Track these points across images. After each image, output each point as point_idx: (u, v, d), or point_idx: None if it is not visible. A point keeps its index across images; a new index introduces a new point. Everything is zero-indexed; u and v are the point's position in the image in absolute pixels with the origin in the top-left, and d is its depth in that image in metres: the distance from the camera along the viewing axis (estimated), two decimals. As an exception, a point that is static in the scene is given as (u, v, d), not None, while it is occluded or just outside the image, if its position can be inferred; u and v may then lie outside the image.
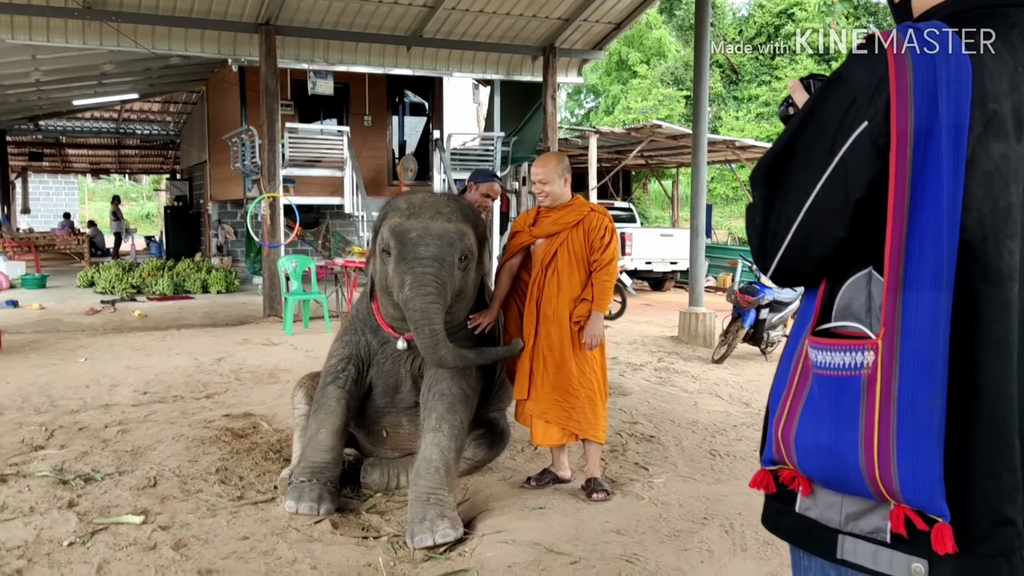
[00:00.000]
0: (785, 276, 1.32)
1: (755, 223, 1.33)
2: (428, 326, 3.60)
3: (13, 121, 20.00)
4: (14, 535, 3.50)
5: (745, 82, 28.46)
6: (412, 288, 3.60)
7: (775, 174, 1.30)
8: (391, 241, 3.72)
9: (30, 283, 13.98)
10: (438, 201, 3.90)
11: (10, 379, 6.78)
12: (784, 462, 1.32)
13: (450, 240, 3.71)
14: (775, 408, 1.36)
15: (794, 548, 1.39)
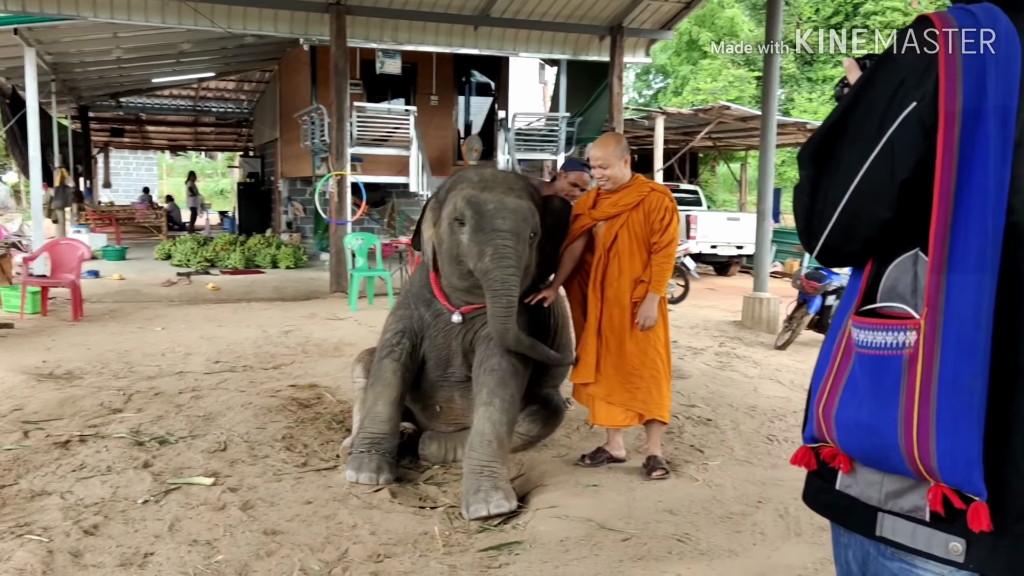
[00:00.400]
0: (830, 256, 1.34)
1: (802, 202, 1.35)
2: (507, 296, 3.67)
3: (96, 97, 20.70)
4: (92, 492, 3.70)
5: (820, 63, 27.73)
6: (493, 259, 3.66)
7: (823, 153, 1.31)
8: (467, 211, 3.74)
9: (111, 254, 14.53)
10: (508, 177, 3.96)
11: (91, 345, 7.11)
12: (825, 439, 1.35)
13: (524, 216, 3.77)
14: (817, 386, 1.38)
15: (834, 525, 1.41)
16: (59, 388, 5.51)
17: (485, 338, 4.02)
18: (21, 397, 5.21)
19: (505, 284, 3.66)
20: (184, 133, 29.26)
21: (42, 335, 7.56)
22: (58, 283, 8.74)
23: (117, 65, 15.82)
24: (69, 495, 3.65)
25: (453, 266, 3.90)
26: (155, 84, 19.68)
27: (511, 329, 3.74)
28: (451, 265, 3.91)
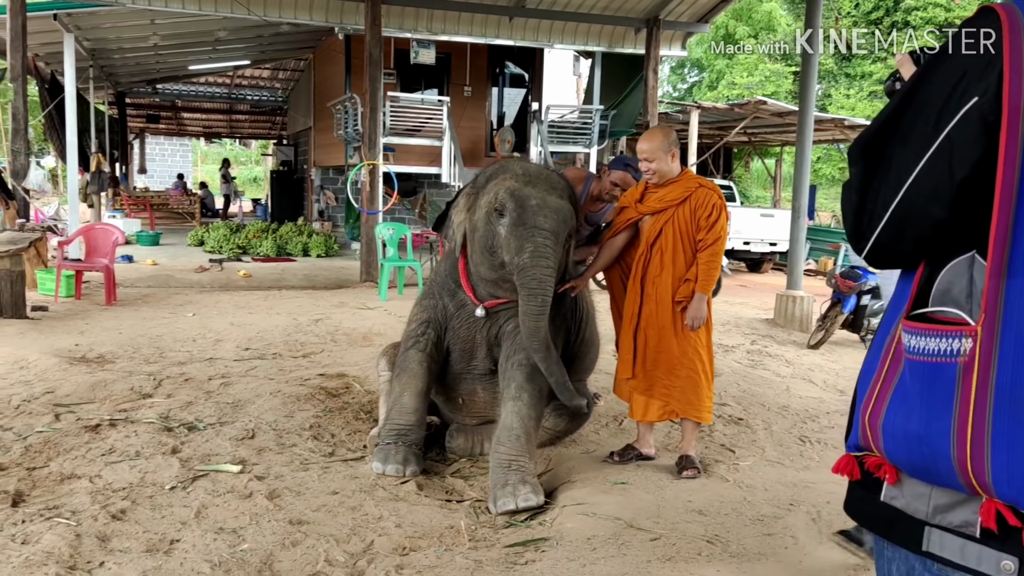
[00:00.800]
0: (880, 257, 1.27)
1: (851, 200, 1.28)
2: (542, 295, 3.61)
3: (132, 83, 20.92)
4: (120, 476, 3.71)
5: (859, 58, 27.29)
6: (532, 256, 3.59)
7: (875, 150, 1.25)
8: (509, 203, 3.67)
9: (144, 240, 14.69)
10: (551, 176, 3.89)
11: (123, 330, 7.18)
12: (870, 448, 1.29)
13: (564, 217, 3.71)
14: (863, 393, 1.32)
15: (878, 538, 1.35)
16: (91, 372, 5.55)
17: (511, 333, 3.98)
18: (53, 380, 5.26)
19: (542, 283, 3.60)
20: (219, 120, 29.50)
21: (76, 318, 7.65)
22: (92, 267, 8.84)
23: (154, 52, 15.96)
24: (98, 479, 3.67)
25: (484, 256, 3.81)
26: (191, 71, 19.84)
27: (542, 329, 3.67)
28: (483, 255, 3.82)
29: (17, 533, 3.08)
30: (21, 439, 4.14)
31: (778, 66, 27.48)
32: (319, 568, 2.96)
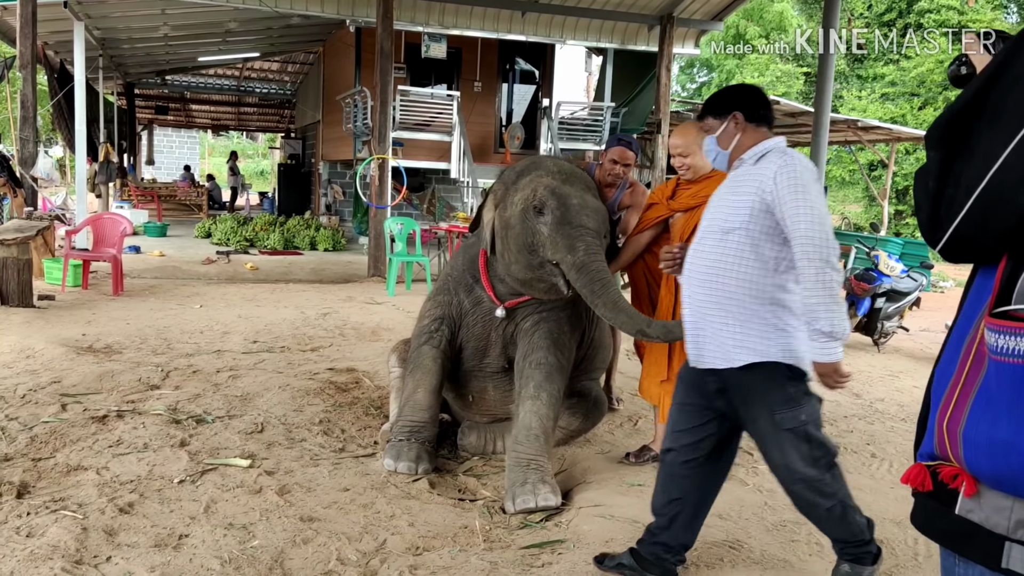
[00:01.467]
0: (959, 249, 1.18)
1: (927, 188, 1.19)
2: (611, 285, 3.51)
3: (141, 74, 20.86)
4: (128, 469, 3.64)
5: (871, 60, 27.13)
6: (587, 254, 3.47)
7: (956, 134, 1.16)
8: (551, 201, 3.54)
9: (152, 231, 14.63)
10: (584, 176, 3.80)
11: (131, 320, 7.11)
12: (947, 457, 1.20)
13: (603, 217, 3.65)
14: (939, 398, 1.23)
15: (947, 552, 1.27)
16: (98, 362, 5.49)
17: (528, 331, 3.90)
18: (60, 370, 5.20)
19: (604, 276, 3.50)
20: (227, 113, 29.44)
21: (83, 308, 7.58)
22: (100, 257, 8.77)
23: (164, 42, 15.90)
24: (105, 471, 3.60)
25: (522, 254, 3.64)
26: (200, 63, 19.78)
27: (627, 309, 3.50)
28: (519, 253, 3.65)
29: (22, 526, 3.01)
30: (27, 429, 4.08)
31: (789, 67, 27.35)
32: (331, 567, 2.88)
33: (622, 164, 4.36)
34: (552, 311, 3.89)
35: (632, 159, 4.39)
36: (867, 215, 24.75)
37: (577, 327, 4.03)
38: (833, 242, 2.44)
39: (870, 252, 8.42)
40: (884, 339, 8.28)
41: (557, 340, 3.85)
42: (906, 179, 23.02)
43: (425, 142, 13.78)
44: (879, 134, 16.28)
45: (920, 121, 23.20)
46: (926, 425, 1.27)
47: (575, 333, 4.02)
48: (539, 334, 3.84)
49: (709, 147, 2.83)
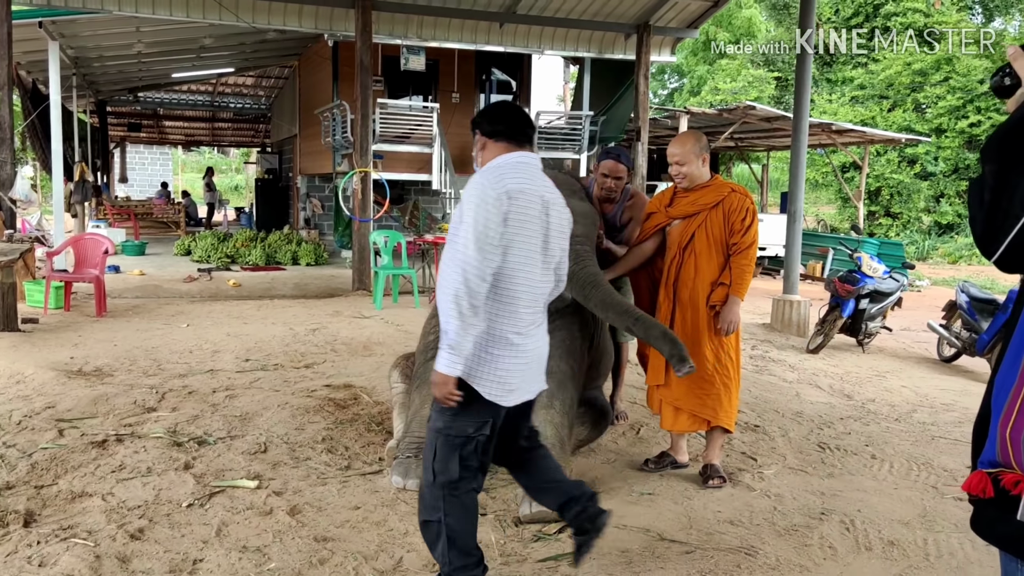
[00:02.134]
0: (1014, 261, 1.20)
1: (982, 199, 1.22)
2: (602, 283, 3.60)
3: (114, 92, 20.67)
4: (134, 494, 3.61)
5: (840, 64, 27.50)
6: (578, 263, 3.55)
7: (1012, 147, 1.18)
8: None
9: (130, 249, 14.47)
10: (568, 180, 3.87)
11: (118, 342, 7.03)
12: (1010, 465, 1.22)
13: (593, 220, 3.71)
14: (1000, 406, 1.25)
15: (1009, 558, 1.29)
16: (90, 385, 5.42)
17: None
18: (53, 394, 5.13)
19: (595, 276, 3.59)
20: (201, 128, 29.24)
21: (68, 331, 7.49)
22: (83, 278, 8.68)
23: (137, 59, 15.77)
24: (111, 497, 3.56)
25: None
26: (174, 79, 19.63)
27: (624, 302, 3.63)
28: None
29: (33, 555, 2.97)
30: (26, 456, 4.03)
31: (760, 71, 27.64)
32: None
33: (613, 178, 4.41)
34: (562, 319, 3.92)
35: (624, 172, 4.44)
36: (841, 216, 25.05)
37: (587, 334, 4.07)
38: (478, 265, 2.52)
39: (853, 254, 8.52)
40: (868, 339, 8.38)
41: (569, 348, 3.88)
42: (878, 180, 23.34)
43: (404, 154, 13.77)
44: (852, 137, 16.49)
45: (889, 123, 23.54)
46: (984, 433, 1.30)
47: (585, 340, 4.05)
48: (551, 343, 3.85)
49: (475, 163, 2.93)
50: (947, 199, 23.53)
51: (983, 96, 22.82)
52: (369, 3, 10.71)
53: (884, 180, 23.63)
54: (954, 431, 5.26)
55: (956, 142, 23.14)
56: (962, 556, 3.14)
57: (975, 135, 22.94)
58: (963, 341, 7.86)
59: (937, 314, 9.43)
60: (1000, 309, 7.43)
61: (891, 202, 23.95)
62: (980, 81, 22.90)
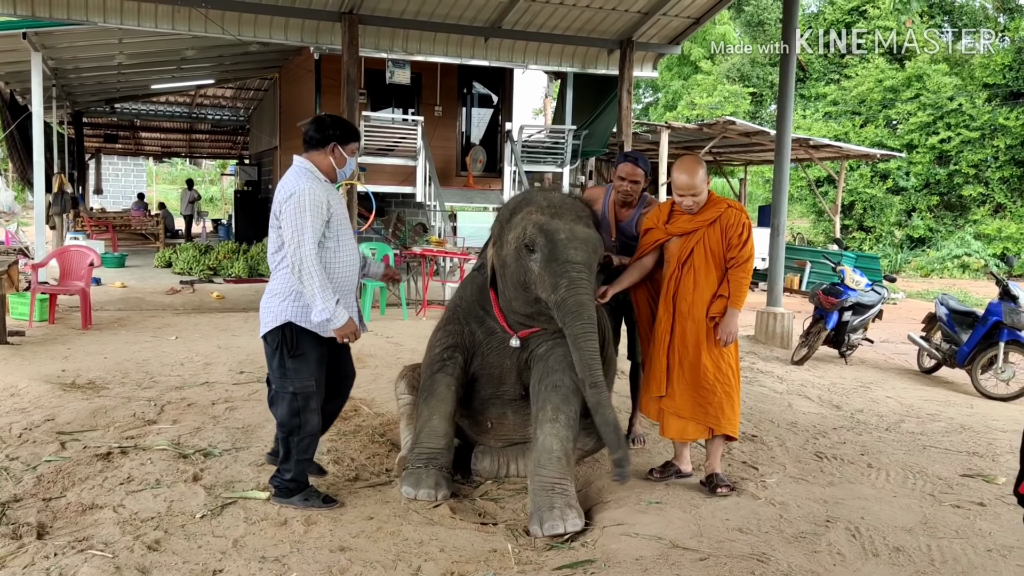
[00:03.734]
0: None
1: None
2: (587, 313, 3.60)
3: (91, 103, 20.50)
4: (145, 506, 3.61)
5: (812, 80, 27.96)
6: (569, 289, 3.59)
7: None
8: (539, 239, 3.66)
9: (109, 262, 14.31)
10: (575, 204, 3.90)
11: (107, 354, 6.99)
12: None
13: (594, 246, 3.74)
14: None
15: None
16: (87, 398, 5.40)
17: (543, 355, 3.97)
18: (51, 407, 5.11)
19: (583, 306, 3.60)
20: (178, 140, 29.04)
21: (56, 343, 7.43)
22: (68, 290, 8.61)
23: (117, 71, 15.65)
24: (122, 509, 3.56)
25: (518, 291, 3.81)
26: (152, 90, 19.52)
27: (596, 356, 3.61)
28: (516, 290, 3.82)
29: (51, 567, 2.97)
30: (31, 469, 4.02)
31: (736, 87, 28.01)
32: (373, 596, 2.90)
33: (630, 181, 4.46)
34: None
35: (641, 176, 4.48)
36: (815, 230, 25.42)
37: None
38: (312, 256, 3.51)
39: (835, 267, 8.68)
40: (850, 351, 8.53)
41: (572, 362, 3.93)
42: (851, 194, 23.73)
43: (387, 167, 13.78)
44: (828, 152, 16.79)
45: (862, 139, 23.97)
46: None
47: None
48: (554, 357, 3.91)
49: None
50: (918, 213, 23.96)
51: (952, 113, 23.31)
52: (355, 17, 10.75)
53: (857, 194, 24.03)
54: (943, 440, 5.38)
55: (927, 158, 23.60)
56: (966, 562, 3.24)
57: (945, 151, 23.41)
58: (943, 353, 8.03)
59: (914, 326, 9.64)
60: (980, 321, 7.60)
61: (864, 216, 24.35)
62: (950, 98, 23.39)
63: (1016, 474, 1.60)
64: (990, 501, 4.06)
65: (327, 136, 3.69)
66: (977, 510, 3.91)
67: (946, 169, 23.53)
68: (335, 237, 3.64)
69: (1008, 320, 7.25)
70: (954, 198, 23.98)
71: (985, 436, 5.56)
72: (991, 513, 3.87)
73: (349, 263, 3.73)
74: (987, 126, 22.77)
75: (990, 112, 22.80)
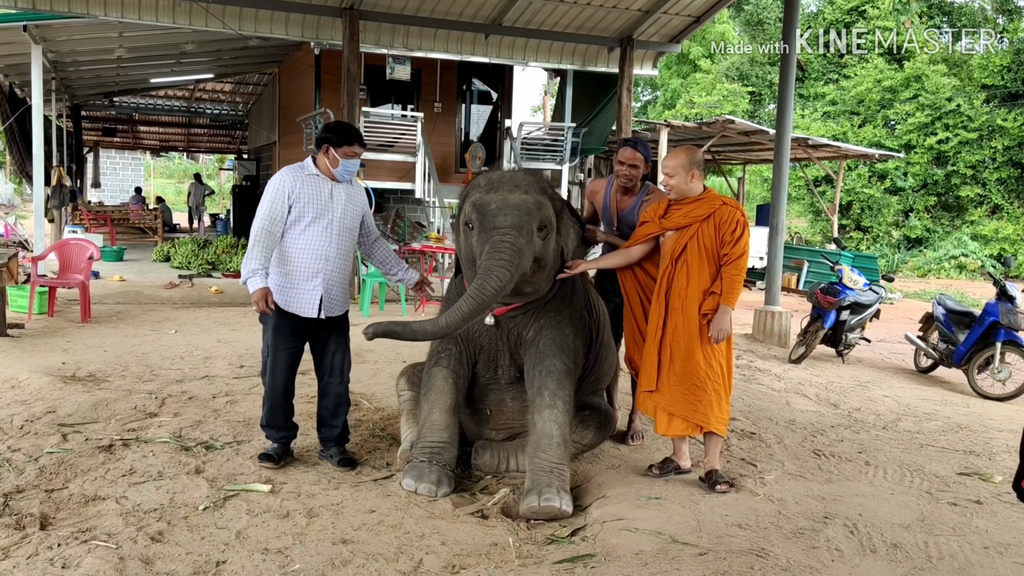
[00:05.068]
0: None
1: None
2: (481, 280, 3.62)
3: (90, 96, 20.46)
4: (148, 498, 3.63)
5: (811, 80, 27.98)
6: (488, 254, 3.67)
7: None
8: (473, 215, 3.81)
9: (108, 255, 14.29)
10: (515, 176, 3.98)
11: (107, 347, 7.00)
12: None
13: (528, 210, 3.77)
14: None
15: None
16: (88, 391, 5.41)
17: (532, 341, 4.02)
18: (51, 399, 5.12)
19: (487, 271, 3.62)
20: (176, 134, 28.99)
21: (55, 336, 7.44)
22: (68, 283, 8.61)
23: (116, 64, 15.62)
24: (125, 500, 3.58)
25: (470, 270, 3.94)
26: (151, 84, 19.47)
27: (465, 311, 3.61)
28: (469, 268, 3.97)
29: (55, 557, 2.99)
30: (33, 460, 4.03)
31: (735, 86, 28.02)
32: (375, 588, 2.92)
33: (629, 165, 4.48)
34: (550, 317, 4.05)
35: (640, 160, 4.51)
36: (812, 229, 25.46)
37: (581, 331, 4.15)
38: (259, 231, 4.00)
39: (834, 267, 8.71)
40: (848, 350, 8.56)
41: (561, 345, 3.98)
42: (848, 194, 23.77)
43: (386, 163, 13.77)
44: (827, 152, 16.81)
45: (860, 139, 24.00)
46: None
47: (579, 336, 4.13)
48: (543, 341, 3.98)
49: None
50: (916, 214, 24.01)
51: (951, 114, 23.36)
52: (356, 13, 10.76)
53: (855, 194, 24.07)
54: (940, 439, 5.42)
55: (925, 158, 23.64)
56: (963, 559, 3.27)
57: (943, 151, 23.46)
58: (940, 352, 8.07)
59: (910, 325, 9.67)
60: (977, 322, 7.64)
61: (861, 216, 24.39)
62: (948, 99, 23.44)
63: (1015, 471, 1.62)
64: (987, 499, 4.09)
65: (321, 139, 4.10)
66: (974, 508, 3.94)
67: (944, 170, 23.58)
68: (297, 223, 4.02)
69: (1005, 320, 7.29)
70: (951, 199, 24.03)
71: (982, 435, 5.60)
72: (988, 511, 3.90)
73: (310, 249, 4.06)
74: (985, 127, 22.82)
75: (988, 113, 22.85)
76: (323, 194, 4.09)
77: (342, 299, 4.31)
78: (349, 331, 4.45)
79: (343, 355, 4.36)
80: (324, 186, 4.10)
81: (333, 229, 4.10)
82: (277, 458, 4.13)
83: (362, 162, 12.90)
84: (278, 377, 4.18)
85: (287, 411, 4.27)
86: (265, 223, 3.99)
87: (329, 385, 4.33)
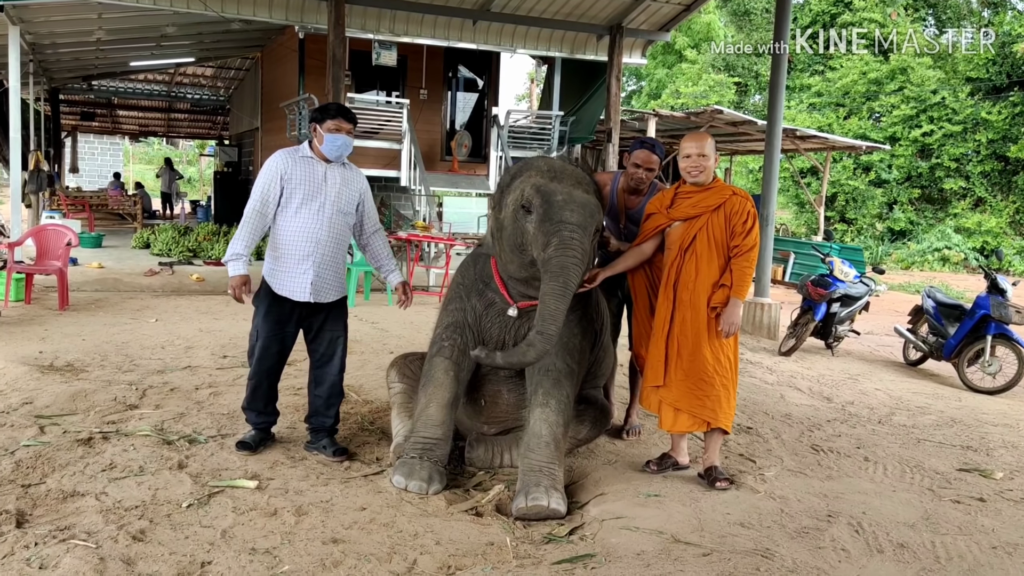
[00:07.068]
0: None
1: None
2: (564, 277, 3.52)
3: (68, 80, 20.07)
4: (129, 494, 3.49)
5: (797, 71, 27.96)
6: (557, 248, 3.52)
7: None
8: (535, 199, 3.60)
9: (86, 242, 14.05)
10: (576, 171, 3.83)
11: (86, 336, 6.82)
12: None
13: (591, 211, 3.65)
14: None
15: None
16: (66, 381, 5.24)
17: None
18: (28, 390, 4.95)
19: (565, 268, 3.52)
20: (156, 119, 28.55)
21: (32, 324, 7.25)
22: (46, 270, 8.40)
23: (95, 47, 15.30)
24: (104, 497, 3.44)
25: (515, 254, 3.73)
26: (131, 67, 19.12)
27: (561, 313, 3.53)
28: (512, 253, 3.75)
29: (32, 557, 2.85)
30: (8, 453, 3.88)
31: (721, 76, 27.97)
32: (369, 590, 2.81)
33: (645, 168, 4.36)
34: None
35: (656, 163, 4.40)
36: (797, 221, 25.48)
37: (589, 331, 4.04)
38: (251, 212, 4.04)
39: (825, 259, 8.65)
40: (837, 343, 8.52)
41: (567, 344, 3.86)
42: (833, 186, 23.79)
43: (371, 150, 13.58)
44: (814, 143, 16.79)
45: (846, 130, 24.01)
46: None
47: (587, 337, 4.03)
48: None
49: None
50: (900, 206, 24.08)
51: (935, 106, 23.41)
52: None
53: (840, 186, 24.10)
54: (936, 434, 5.36)
55: (909, 151, 23.70)
56: (971, 559, 3.19)
57: (927, 144, 23.53)
58: (929, 345, 8.03)
59: (897, 318, 9.66)
60: (967, 315, 7.60)
61: (846, 208, 24.44)
62: (933, 91, 23.48)
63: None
64: (989, 496, 4.02)
65: (310, 119, 4.14)
66: (978, 506, 3.87)
67: (928, 162, 23.66)
68: (288, 204, 4.01)
69: (996, 314, 7.26)
70: (935, 191, 24.12)
71: (977, 430, 5.54)
72: (992, 509, 3.83)
73: (301, 231, 4.02)
74: (969, 120, 22.90)
75: (972, 106, 22.92)
76: (316, 176, 4.01)
77: (336, 284, 4.17)
78: (347, 319, 4.30)
79: (339, 343, 4.22)
80: (318, 168, 4.03)
81: (325, 212, 4.02)
82: (255, 445, 4.10)
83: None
84: (265, 362, 4.15)
85: (270, 396, 4.23)
86: (257, 204, 4.00)
87: (324, 374, 4.21)
